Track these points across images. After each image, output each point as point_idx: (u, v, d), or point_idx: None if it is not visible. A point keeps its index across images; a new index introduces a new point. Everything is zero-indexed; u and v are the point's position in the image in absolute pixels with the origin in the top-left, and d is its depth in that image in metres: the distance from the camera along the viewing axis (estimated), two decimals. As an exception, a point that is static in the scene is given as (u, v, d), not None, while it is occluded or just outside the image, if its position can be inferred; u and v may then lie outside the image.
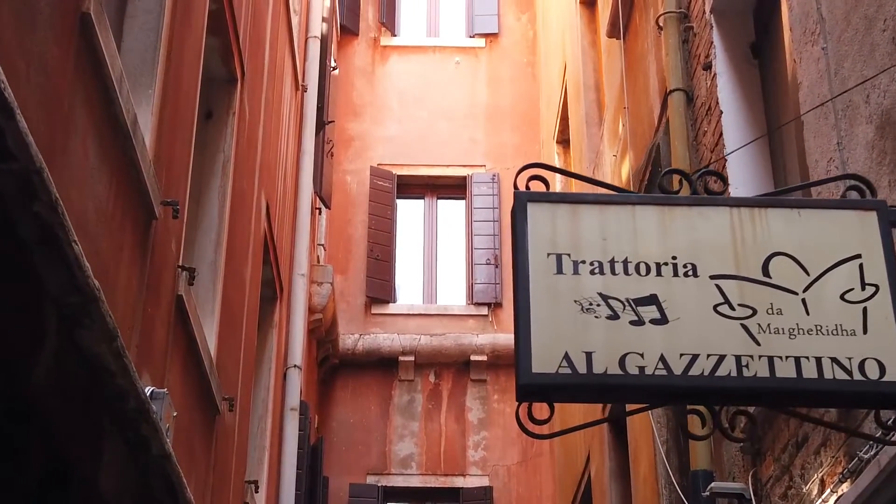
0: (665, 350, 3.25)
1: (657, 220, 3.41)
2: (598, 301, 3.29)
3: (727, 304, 3.35)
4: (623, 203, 3.46)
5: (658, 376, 3.21)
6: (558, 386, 3.19)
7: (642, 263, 3.37)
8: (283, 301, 10.39)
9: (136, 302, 4.99)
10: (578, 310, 3.28)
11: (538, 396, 3.23)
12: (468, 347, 14.70)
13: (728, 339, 3.29)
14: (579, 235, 3.37)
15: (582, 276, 3.33)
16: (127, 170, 4.78)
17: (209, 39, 7.22)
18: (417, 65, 16.56)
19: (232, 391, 7.49)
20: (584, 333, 3.24)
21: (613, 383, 3.20)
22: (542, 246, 3.32)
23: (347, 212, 15.44)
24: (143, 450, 4.75)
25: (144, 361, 5.13)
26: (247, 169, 8.15)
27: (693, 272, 3.38)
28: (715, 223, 3.45)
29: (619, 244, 3.37)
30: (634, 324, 3.28)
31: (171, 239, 5.72)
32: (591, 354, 3.21)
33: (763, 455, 5.79)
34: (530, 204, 3.40)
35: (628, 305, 3.30)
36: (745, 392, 3.30)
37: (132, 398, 4.39)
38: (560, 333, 3.23)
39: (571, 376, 3.18)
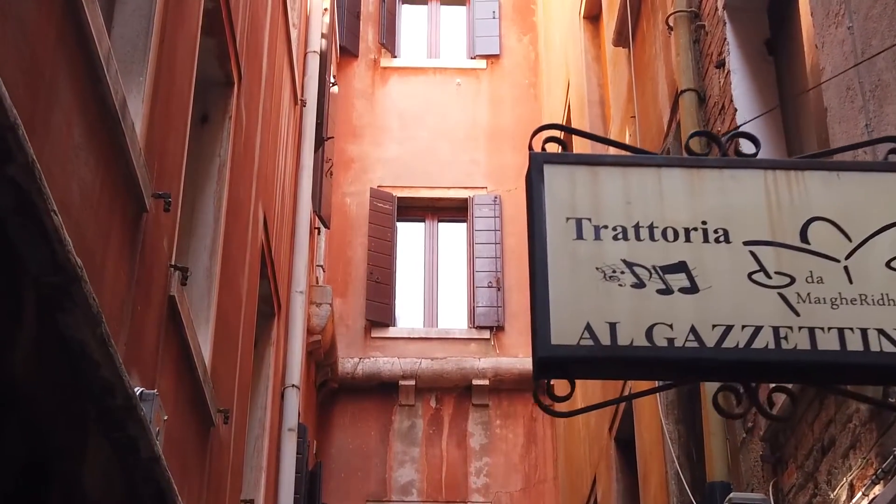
0: (696, 321, 2.98)
1: (685, 184, 3.16)
2: (621, 268, 3.03)
3: (763, 272, 3.09)
4: (648, 165, 3.20)
5: (689, 348, 2.94)
6: (580, 359, 2.93)
7: (669, 229, 3.11)
8: (280, 318, 10.12)
9: (124, 297, 4.73)
10: (601, 277, 3.02)
11: (557, 371, 2.96)
12: (470, 371, 14.40)
13: (765, 309, 3.03)
14: (600, 199, 3.11)
15: (604, 241, 3.07)
16: (115, 155, 4.53)
17: (205, 40, 7.01)
18: (418, 86, 16.35)
19: (227, 404, 7.21)
20: (607, 303, 2.98)
21: (640, 356, 2.93)
22: (561, 210, 3.07)
23: (347, 234, 15.18)
24: (130, 451, 4.47)
25: (134, 361, 4.86)
26: (244, 176, 7.90)
27: (725, 238, 3.12)
28: (748, 186, 3.19)
29: (644, 208, 3.11)
30: (662, 293, 3.02)
31: (164, 235, 5.46)
32: (616, 325, 2.95)
33: (785, 463, 5.51)
34: (547, 166, 3.15)
35: (655, 273, 3.04)
36: (784, 366, 3.03)
37: (119, 393, 4.11)
38: (581, 303, 2.97)
39: (594, 348, 2.92)
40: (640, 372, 3.26)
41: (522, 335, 14.66)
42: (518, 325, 14.72)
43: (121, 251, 4.66)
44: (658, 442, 8.04)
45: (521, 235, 15.27)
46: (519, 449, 14.22)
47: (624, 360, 2.97)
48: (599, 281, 3.02)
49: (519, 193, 15.84)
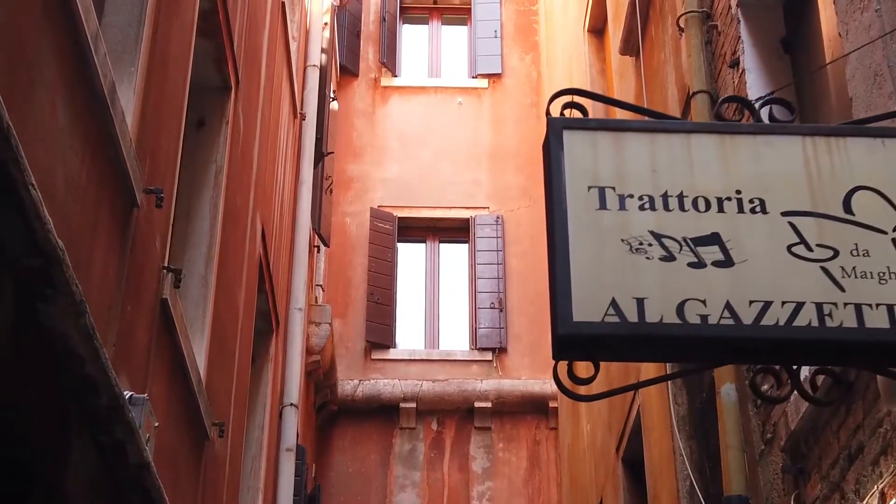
0: (731, 296, 2.74)
1: (716, 151, 2.91)
2: (649, 240, 2.79)
3: (803, 245, 2.84)
4: (676, 131, 2.96)
5: (724, 326, 2.69)
6: (604, 337, 2.67)
7: (701, 198, 2.86)
8: (278, 335, 9.86)
9: (113, 296, 4.48)
10: (626, 250, 2.77)
11: (580, 351, 2.71)
12: (472, 394, 14.11)
13: (806, 284, 2.78)
14: (625, 167, 2.87)
15: (629, 212, 2.83)
16: (104, 143, 4.29)
17: (202, 42, 6.80)
18: (419, 105, 16.13)
19: (223, 417, 6.94)
20: (634, 277, 2.73)
21: (671, 334, 2.68)
22: (582, 178, 2.82)
23: (347, 254, 14.93)
24: (117, 456, 4.20)
25: (122, 363, 4.61)
26: (241, 184, 7.67)
27: (761, 208, 2.87)
28: (785, 154, 2.95)
29: (673, 176, 2.87)
30: (694, 266, 2.77)
31: (156, 235, 5.21)
32: (644, 301, 2.70)
33: (807, 474, 5.24)
34: (566, 131, 2.90)
35: (686, 245, 2.80)
36: (828, 345, 2.77)
37: (104, 392, 3.86)
38: (605, 277, 2.72)
39: (620, 325, 2.67)
40: (671, 352, 2.99)
41: (525, 357, 14.40)
42: (521, 346, 14.46)
43: (109, 246, 4.41)
44: (669, 459, 7.77)
45: (523, 256, 15.05)
46: (522, 473, 13.93)
47: (653, 339, 2.71)
48: (625, 254, 2.77)
49: (521, 213, 15.67)
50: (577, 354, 2.73)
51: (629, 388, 3.11)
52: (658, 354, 2.83)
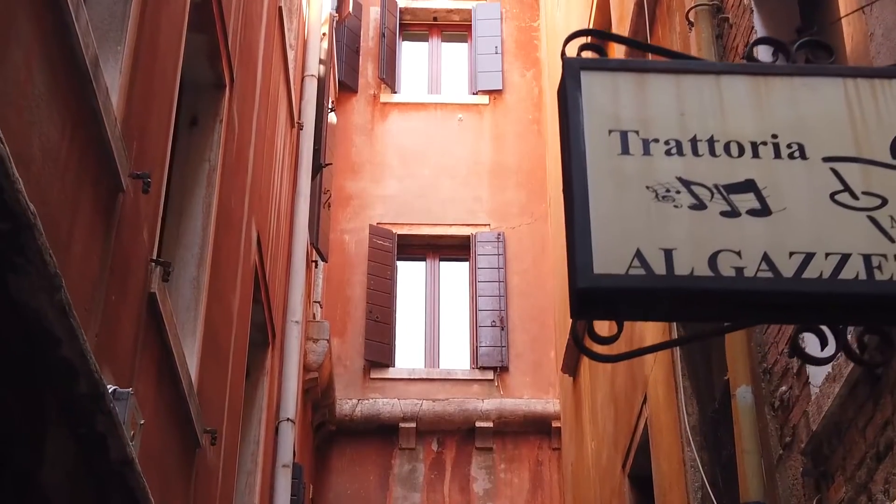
0: (769, 247, 2.48)
1: (750, 93, 2.66)
2: (677, 187, 2.53)
3: (848, 193, 2.59)
4: (705, 72, 2.70)
5: (762, 279, 2.43)
6: (629, 291, 2.41)
7: (733, 143, 2.61)
8: (275, 348, 9.58)
9: (95, 282, 4.22)
10: (652, 198, 2.51)
11: (601, 307, 2.45)
12: (473, 413, 13.81)
13: (852, 234, 2.52)
14: (649, 109, 2.61)
15: (655, 157, 2.57)
16: (86, 119, 4.04)
17: (194, 37, 6.57)
18: (418, 122, 15.90)
19: (215, 425, 6.66)
20: (660, 226, 2.47)
21: (703, 287, 2.42)
22: (602, 122, 2.57)
23: (345, 272, 14.66)
24: (99, 451, 3.93)
25: (106, 356, 4.34)
26: (235, 186, 7.41)
27: (800, 154, 2.62)
28: (825, 96, 2.70)
29: (703, 120, 2.61)
30: (727, 215, 2.51)
31: (143, 225, 4.95)
32: (672, 252, 2.44)
33: (831, 476, 4.96)
34: (584, 73, 2.65)
35: (718, 193, 2.54)
36: (878, 300, 2.51)
37: (83, 379, 3.58)
38: (629, 226, 2.46)
39: (646, 278, 2.41)
40: (702, 308, 2.70)
41: (527, 375, 14.12)
42: (523, 365, 14.18)
43: (91, 229, 4.15)
44: (679, 472, 7.49)
45: (525, 273, 14.79)
46: (525, 494, 13.61)
47: (683, 293, 2.45)
48: (651, 202, 2.52)
49: (523, 230, 15.42)
50: (598, 312, 2.46)
51: (662, 347, 2.84)
52: (688, 311, 2.58)
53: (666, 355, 7.87)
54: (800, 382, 5.27)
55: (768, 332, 5.71)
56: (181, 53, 5.77)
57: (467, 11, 16.75)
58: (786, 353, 5.46)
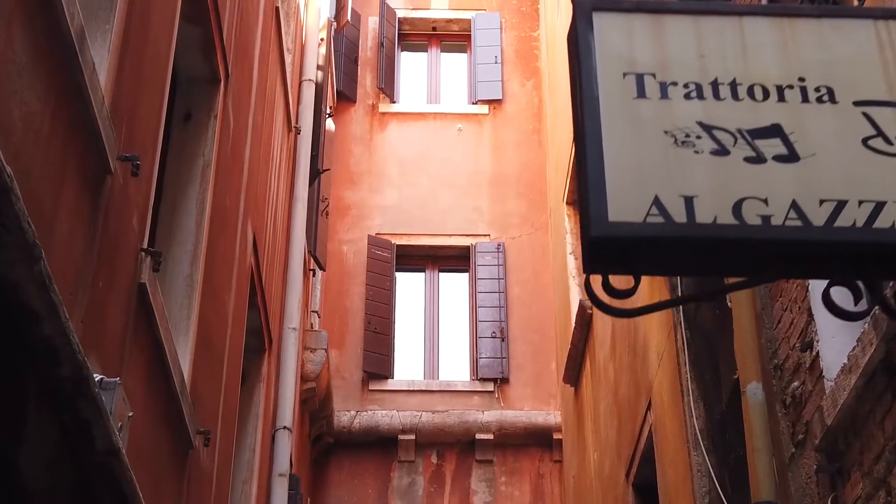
0: (798, 195, 2.30)
1: (774, 35, 2.49)
2: (697, 132, 2.36)
3: (881, 138, 2.41)
4: (726, 13, 2.53)
5: (791, 228, 2.26)
6: (647, 240, 2.23)
7: (757, 86, 2.43)
8: (271, 355, 9.39)
9: (81, 265, 4.04)
10: (671, 143, 2.34)
11: (617, 258, 2.27)
12: (473, 425, 13.60)
13: (887, 180, 2.34)
14: (666, 52, 2.44)
15: (673, 100, 2.40)
16: (72, 95, 3.87)
17: (188, 28, 6.42)
18: (418, 132, 15.74)
19: (209, 426, 6.47)
20: (680, 173, 2.29)
21: (727, 236, 2.24)
22: (616, 64, 2.39)
23: (344, 283, 14.47)
24: (83, 440, 3.74)
25: (92, 344, 4.16)
26: (230, 184, 7.24)
27: (829, 97, 2.45)
28: (855, 39, 2.52)
29: (724, 62, 2.44)
30: (752, 161, 2.34)
31: (133, 212, 4.78)
32: (693, 199, 2.27)
33: (846, 472, 4.77)
34: (597, 13, 2.47)
35: (741, 138, 2.37)
36: (915, 247, 2.33)
37: (66, 361, 3.40)
38: (646, 172, 2.29)
39: (665, 226, 2.23)
40: (726, 258, 2.50)
41: (528, 387, 13.92)
42: (523, 376, 13.98)
43: (76, 209, 3.98)
44: (685, 477, 7.30)
45: (525, 284, 14.60)
46: None
47: (705, 242, 2.27)
48: (669, 147, 2.34)
49: (523, 241, 15.24)
50: (613, 264, 2.28)
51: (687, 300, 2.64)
52: (710, 263, 2.40)
53: (671, 358, 7.69)
54: (813, 377, 5.09)
55: (779, 326, 5.54)
56: (174, 38, 5.61)
57: (466, 21, 16.62)
58: (798, 348, 5.29)
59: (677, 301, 2.50)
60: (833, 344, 5.04)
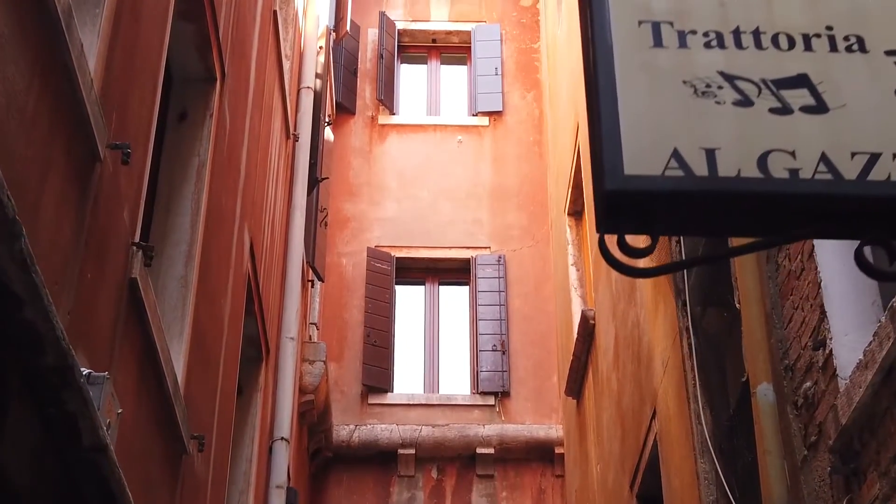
0: (828, 147, 2.15)
1: (800, -18, 2.34)
2: (718, 82, 2.20)
3: (915, 88, 2.26)
4: (748, -42, 2.38)
5: (820, 181, 2.10)
6: (666, 195, 2.07)
7: (782, 35, 2.28)
8: (269, 364, 9.23)
9: (68, 253, 3.88)
10: (690, 93, 2.19)
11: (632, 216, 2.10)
12: (473, 439, 13.41)
13: (923, 133, 2.19)
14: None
15: (692, 49, 2.24)
16: (58, 75, 3.72)
17: (182, 25, 6.28)
18: (417, 144, 15.60)
19: (204, 431, 6.29)
20: (701, 124, 2.14)
21: (752, 190, 2.09)
22: (630, 11, 2.24)
23: (343, 295, 14.31)
24: (68, 435, 3.57)
25: (80, 337, 4.00)
26: (226, 186, 7.09)
27: (860, 47, 2.29)
28: (885, -14, 2.38)
29: (746, 10, 2.28)
30: (777, 112, 2.18)
31: (124, 204, 4.62)
32: (715, 152, 2.11)
33: (862, 474, 4.60)
34: (610, -43, 2.33)
35: (766, 88, 2.21)
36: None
37: (50, 349, 3.24)
38: (664, 124, 2.13)
39: (685, 180, 2.07)
40: (750, 215, 2.32)
41: (529, 401, 13.74)
42: (524, 390, 13.80)
43: (64, 195, 3.82)
44: (692, 486, 7.12)
45: (526, 297, 14.44)
46: (528, 518, 13.21)
47: (728, 196, 2.10)
48: (688, 98, 2.19)
49: (524, 253, 15.08)
50: (628, 222, 2.11)
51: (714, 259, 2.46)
52: (733, 220, 2.22)
53: (677, 365, 7.53)
54: (826, 376, 4.92)
55: (790, 326, 5.38)
56: (167, 31, 5.46)
57: (466, 33, 16.51)
58: (810, 347, 5.12)
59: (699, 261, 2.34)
60: (847, 341, 4.87)
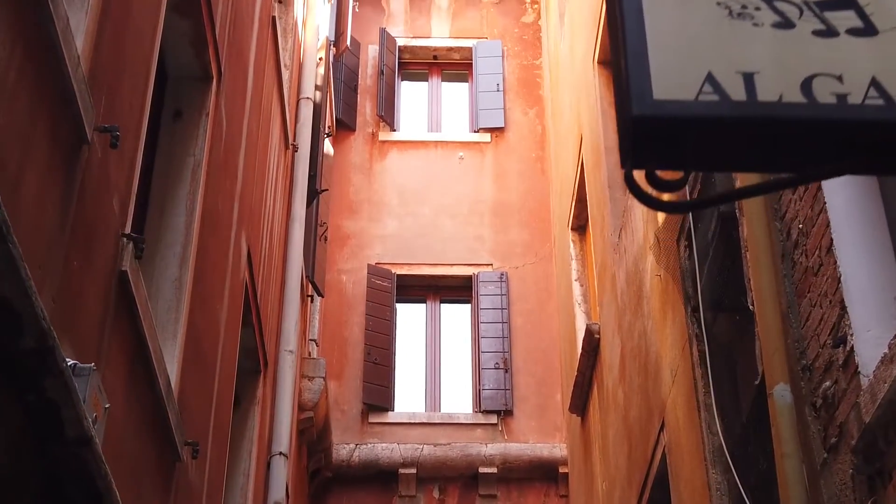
0: (878, 72, 1.95)
1: None
2: (755, 3, 2.00)
3: (973, 9, 2.07)
4: None
5: (872, 107, 1.90)
6: (701, 121, 1.86)
7: (824, -46, 2.09)
8: (267, 377, 9.01)
9: (52, 236, 3.68)
10: (724, 15, 1.98)
11: (661, 147, 1.90)
12: (476, 459, 13.17)
13: (983, 57, 1.99)
14: (714, -86, 2.09)
15: (724, -32, 2.05)
16: (43, 48, 3.53)
17: (177, 20, 6.11)
18: (418, 160, 15.42)
19: (198, 439, 6.07)
20: (737, 47, 1.93)
21: (796, 115, 1.88)
22: (656, -75, 2.04)
23: (343, 313, 14.09)
24: (51, 426, 3.36)
25: (65, 326, 3.79)
26: (223, 189, 6.89)
27: (908, -34, 2.10)
28: None
29: (783, -74, 2.09)
30: (821, 35, 1.98)
31: (113, 193, 4.42)
32: (754, 76, 1.91)
33: (888, 473, 4.38)
34: None
35: (808, 10, 2.01)
36: None
37: (29, 328, 3.03)
38: (696, 47, 1.92)
39: (722, 105, 1.87)
40: (792, 146, 2.09)
41: (533, 419, 13.51)
42: (528, 408, 13.57)
43: (48, 174, 3.62)
44: (703, 497, 6.90)
45: (529, 314, 14.22)
46: (535, 529, 12.96)
47: (769, 123, 1.89)
48: (723, 20, 1.99)
49: (526, 270, 14.86)
50: (656, 155, 1.90)
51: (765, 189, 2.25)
52: (771, 152, 2.01)
53: (686, 373, 7.32)
54: (847, 374, 4.71)
55: (807, 325, 5.17)
56: (160, 19, 5.27)
57: (468, 50, 16.35)
58: (829, 345, 4.92)
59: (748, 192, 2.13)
60: (869, 337, 4.67)
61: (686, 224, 7.13)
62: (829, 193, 4.95)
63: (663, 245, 7.64)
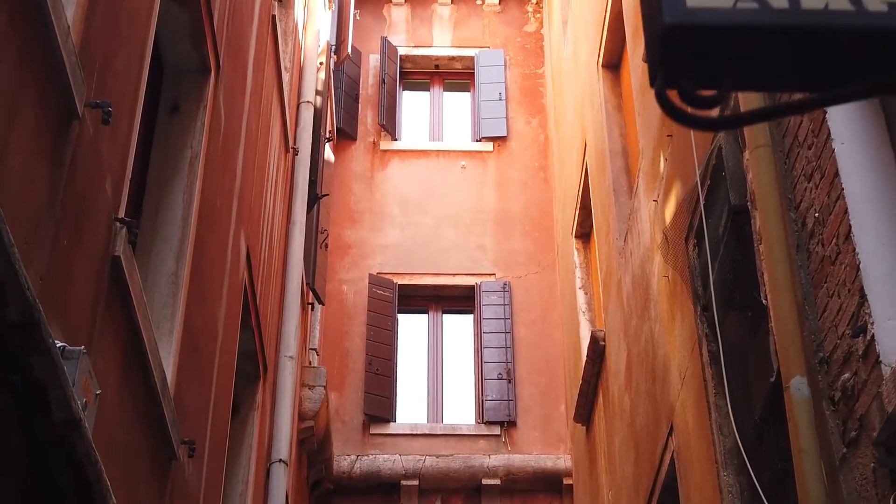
0: (934, -22, 1.79)
1: None
2: None
3: None
4: None
5: (928, 15, 1.74)
6: (740, 31, 1.69)
7: None
8: (266, 382, 8.82)
9: (41, 213, 3.51)
10: (763, -80, 1.83)
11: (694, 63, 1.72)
12: (479, 470, 12.97)
13: None
14: None
15: None
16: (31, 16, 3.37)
17: (174, 9, 5.95)
18: (420, 169, 15.26)
19: (196, 437, 5.89)
20: (779, -50, 1.77)
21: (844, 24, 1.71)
22: None
23: (343, 323, 13.91)
24: (37, 407, 3.19)
25: (54, 309, 3.62)
26: (221, 184, 6.73)
27: None
28: None
29: None
30: (871, -63, 1.82)
31: (106, 174, 4.26)
32: (796, -18, 1.75)
33: (911, 466, 4.21)
34: None
35: (853, -90, 1.85)
36: None
37: (13, 300, 2.87)
38: (732, -47, 1.76)
39: (762, 13, 1.69)
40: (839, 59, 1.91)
41: (536, 430, 13.31)
42: (531, 419, 13.38)
43: (37, 147, 3.46)
44: (714, 500, 6.71)
45: (533, 324, 14.04)
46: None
47: (815, 32, 1.73)
48: (761, -75, 1.83)
49: (529, 280, 14.69)
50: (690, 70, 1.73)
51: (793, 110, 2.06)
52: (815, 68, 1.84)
53: (695, 375, 7.14)
54: (867, 364, 4.54)
55: (824, 316, 5.00)
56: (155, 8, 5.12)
57: (470, 59, 16.22)
58: (848, 335, 4.75)
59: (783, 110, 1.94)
60: (890, 326, 4.50)
61: (695, 221, 6.98)
62: (847, 179, 4.80)
63: (672, 244, 7.49)
